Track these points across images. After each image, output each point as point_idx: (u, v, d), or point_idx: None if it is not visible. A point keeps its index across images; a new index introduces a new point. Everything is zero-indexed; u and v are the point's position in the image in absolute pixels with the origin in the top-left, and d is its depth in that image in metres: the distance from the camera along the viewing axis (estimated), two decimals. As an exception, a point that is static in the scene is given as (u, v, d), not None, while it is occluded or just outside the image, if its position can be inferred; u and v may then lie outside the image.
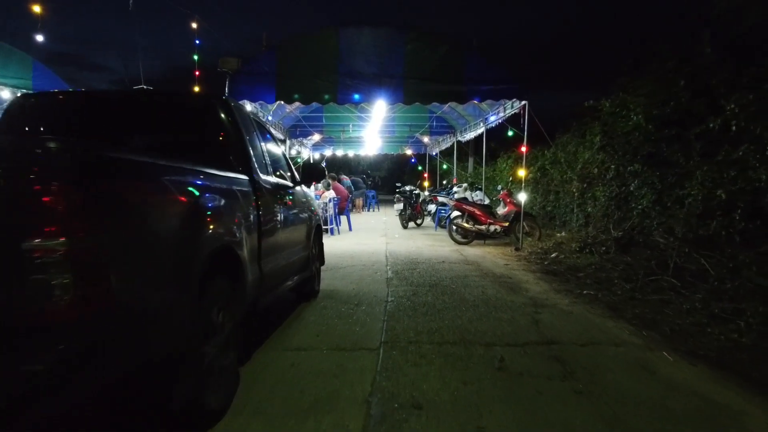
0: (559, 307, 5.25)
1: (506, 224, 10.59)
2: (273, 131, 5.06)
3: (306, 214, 5.08)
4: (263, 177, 3.76)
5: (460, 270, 7.43)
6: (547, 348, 3.91)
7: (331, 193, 12.28)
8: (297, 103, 14.62)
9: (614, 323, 4.69)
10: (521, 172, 10.19)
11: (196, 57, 13.32)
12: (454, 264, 7.98)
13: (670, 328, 4.50)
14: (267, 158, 4.02)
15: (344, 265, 7.70)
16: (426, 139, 19.89)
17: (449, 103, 14.07)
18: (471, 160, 23.44)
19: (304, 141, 20.68)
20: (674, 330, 4.46)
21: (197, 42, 13.56)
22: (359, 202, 22.08)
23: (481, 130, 14.35)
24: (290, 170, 4.92)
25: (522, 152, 10.06)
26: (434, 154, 22.41)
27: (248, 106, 10.50)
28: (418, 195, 15.04)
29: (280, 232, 4.04)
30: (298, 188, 4.96)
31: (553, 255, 8.81)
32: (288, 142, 17.33)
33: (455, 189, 13.10)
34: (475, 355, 3.71)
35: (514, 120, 11.43)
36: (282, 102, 9.98)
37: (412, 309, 5.06)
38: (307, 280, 5.21)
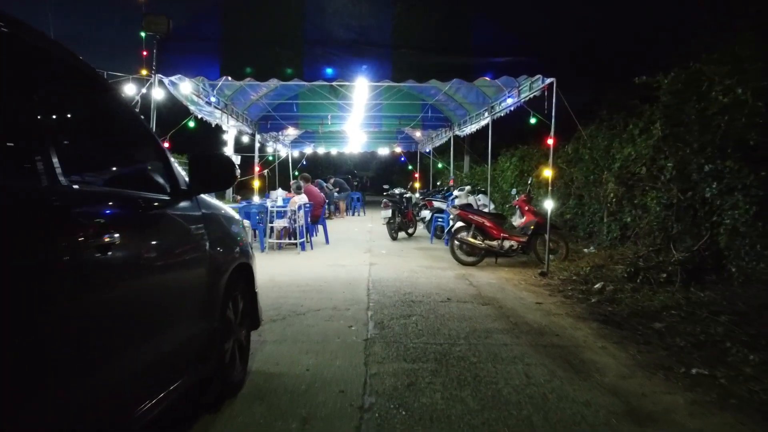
0: (680, 422, 2.84)
1: (524, 239, 8.21)
2: (117, 92, 2.60)
3: (202, 254, 2.62)
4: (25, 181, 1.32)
5: (475, 317, 5.00)
6: None
7: (302, 198, 9.81)
8: (263, 89, 12.23)
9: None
10: (547, 172, 7.78)
11: (143, 34, 10.73)
12: (464, 304, 5.55)
13: None
14: (58, 139, 1.56)
15: (305, 310, 5.23)
16: (418, 134, 17.47)
17: (447, 88, 11.70)
18: (467, 159, 21.13)
19: (280, 136, 18.20)
20: None
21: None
22: (342, 205, 19.61)
23: (485, 120, 11.96)
24: (167, 168, 2.45)
25: (548, 145, 7.66)
26: (427, 151, 20.01)
27: (187, 85, 8.03)
28: (409, 199, 12.61)
29: (97, 311, 1.61)
30: (184, 204, 2.50)
31: (597, 286, 6.42)
32: (258, 137, 14.85)
33: (456, 193, 10.72)
34: None
35: (531, 105, 9.09)
36: (229, 78, 7.49)
37: (410, 437, 2.62)
38: (211, 377, 2.76)
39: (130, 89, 7.99)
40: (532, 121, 8.37)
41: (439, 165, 19.01)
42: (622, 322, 4.90)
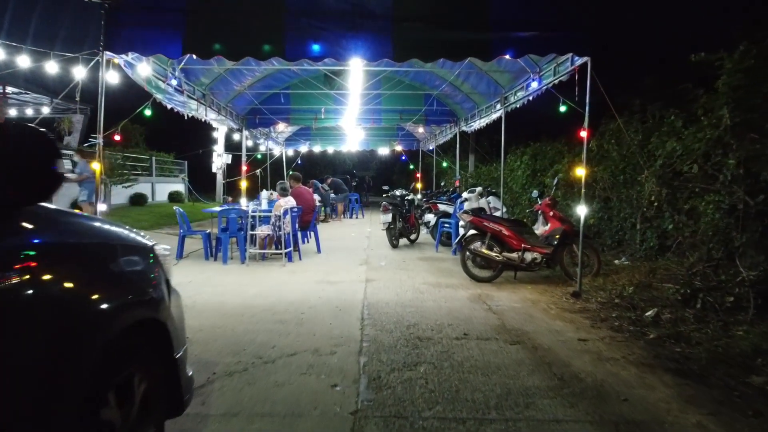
0: None
1: (549, 251, 6.91)
2: None
3: (26, 318, 1.32)
4: None
5: (505, 366, 3.71)
6: None
7: (288, 202, 8.52)
8: (248, 78, 10.94)
9: None
10: (580, 171, 6.48)
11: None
12: (487, 343, 4.25)
13: None
14: None
15: (276, 354, 3.92)
16: (420, 130, 16.21)
17: (454, 77, 10.42)
18: (472, 158, 19.89)
19: (272, 133, 16.94)
20: None
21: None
22: (340, 207, 18.30)
23: (496, 113, 10.68)
24: None
25: (582, 138, 6.36)
26: (430, 149, 18.73)
27: (145, 66, 6.77)
28: (411, 201, 11.32)
29: None
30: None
31: (649, 313, 5.14)
32: (245, 133, 13.58)
33: (465, 195, 9.43)
34: None
35: (551, 96, 7.83)
36: (194, 56, 6.18)
37: None
38: None
39: (79, 72, 6.71)
40: (562, 109, 7.07)
41: (444, 164, 17.72)
42: (704, 373, 3.61)
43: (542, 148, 13.24)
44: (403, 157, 22.07)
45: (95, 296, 1.66)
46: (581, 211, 6.30)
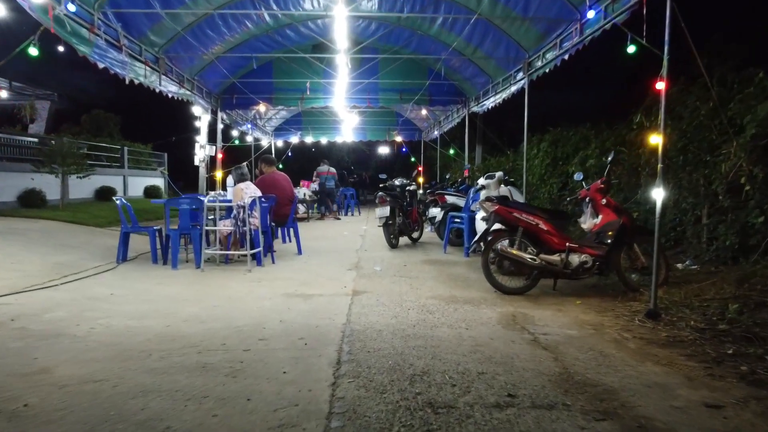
0: None
1: (602, 252, 5.08)
2: None
3: None
4: None
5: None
6: None
7: (248, 187, 6.68)
8: (216, 43, 9.08)
9: None
10: (655, 138, 4.58)
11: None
12: (551, 418, 2.39)
13: None
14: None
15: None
16: (423, 113, 14.36)
17: (463, 40, 8.57)
18: (479, 149, 18.03)
19: (257, 119, 15.10)
20: None
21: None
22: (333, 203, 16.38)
23: (516, 85, 8.85)
24: None
25: (658, 92, 4.47)
26: (434, 136, 16.86)
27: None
28: (413, 192, 9.46)
29: None
30: None
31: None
32: (221, 116, 11.75)
33: (482, 181, 7.56)
34: None
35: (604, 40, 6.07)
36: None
37: None
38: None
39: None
40: (631, 50, 5.20)
41: (451, 151, 15.82)
42: None
43: (564, 134, 11.42)
44: (404, 149, 20.24)
45: None
46: (657, 194, 4.44)
